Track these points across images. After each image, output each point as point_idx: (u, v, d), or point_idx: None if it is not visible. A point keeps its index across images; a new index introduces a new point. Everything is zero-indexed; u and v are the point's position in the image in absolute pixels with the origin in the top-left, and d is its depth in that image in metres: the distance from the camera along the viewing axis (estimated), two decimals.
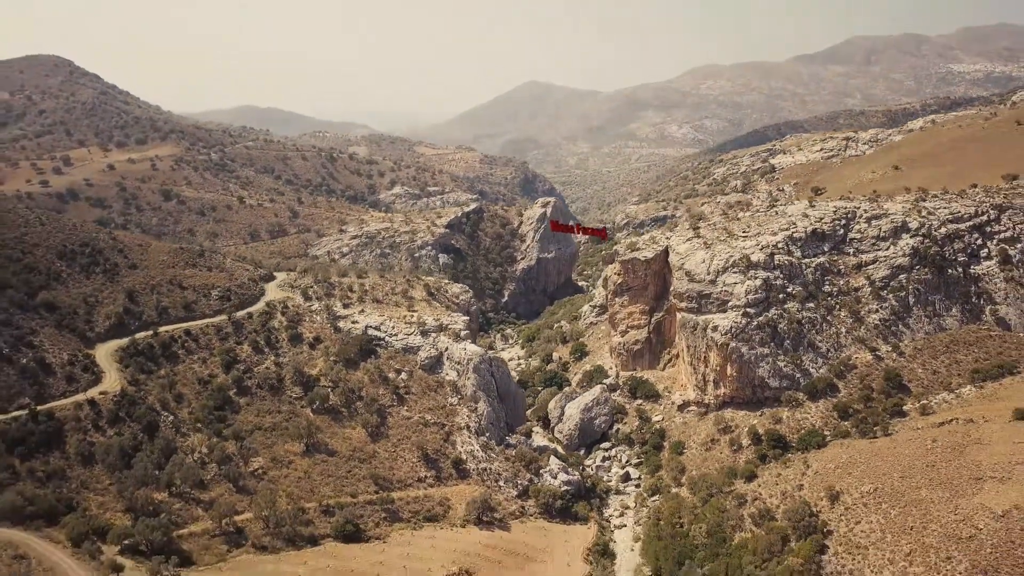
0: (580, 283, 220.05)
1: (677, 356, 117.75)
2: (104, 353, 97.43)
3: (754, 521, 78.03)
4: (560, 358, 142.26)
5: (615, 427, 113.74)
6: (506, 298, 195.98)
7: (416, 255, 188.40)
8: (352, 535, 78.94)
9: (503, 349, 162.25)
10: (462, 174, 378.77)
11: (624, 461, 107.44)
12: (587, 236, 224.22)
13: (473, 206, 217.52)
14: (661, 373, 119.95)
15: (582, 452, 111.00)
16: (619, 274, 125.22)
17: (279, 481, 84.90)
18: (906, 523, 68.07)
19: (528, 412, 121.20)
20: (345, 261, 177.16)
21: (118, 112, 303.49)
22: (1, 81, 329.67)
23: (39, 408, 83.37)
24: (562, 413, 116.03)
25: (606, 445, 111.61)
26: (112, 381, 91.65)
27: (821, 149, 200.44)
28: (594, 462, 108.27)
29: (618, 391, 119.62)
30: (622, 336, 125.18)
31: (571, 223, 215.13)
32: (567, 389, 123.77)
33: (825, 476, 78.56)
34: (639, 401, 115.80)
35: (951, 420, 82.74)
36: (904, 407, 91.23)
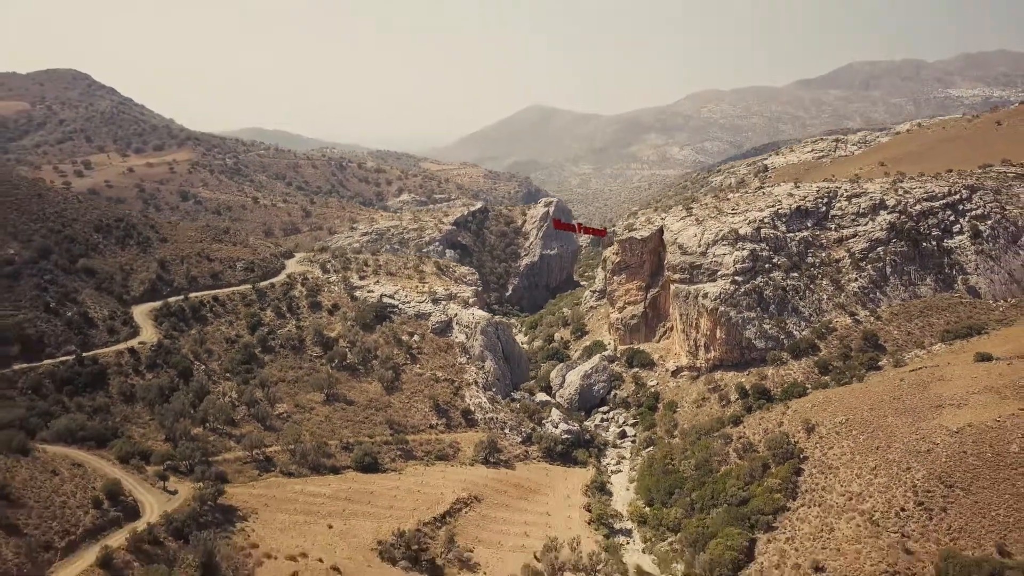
0: (581, 284, 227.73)
1: (671, 329, 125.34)
2: (140, 313, 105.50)
3: (738, 454, 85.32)
4: (561, 338, 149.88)
5: (612, 393, 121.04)
6: (510, 292, 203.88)
7: (424, 250, 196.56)
8: (370, 466, 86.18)
9: None
10: (467, 186, 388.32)
11: (621, 422, 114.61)
12: (588, 236, 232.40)
13: (479, 205, 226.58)
14: (656, 345, 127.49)
15: (582, 415, 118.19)
16: (617, 253, 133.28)
17: (302, 423, 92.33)
18: (873, 444, 75.44)
19: (531, 384, 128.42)
20: None
21: (135, 121, 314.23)
22: (22, 93, 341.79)
23: (84, 354, 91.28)
24: (563, 380, 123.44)
25: (604, 409, 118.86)
26: (149, 334, 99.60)
27: (812, 150, 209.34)
28: (593, 423, 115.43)
29: (616, 361, 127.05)
30: (620, 312, 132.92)
31: (573, 222, 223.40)
32: (568, 361, 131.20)
33: (803, 413, 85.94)
34: (635, 369, 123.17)
35: (920, 368, 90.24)
36: (879, 363, 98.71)
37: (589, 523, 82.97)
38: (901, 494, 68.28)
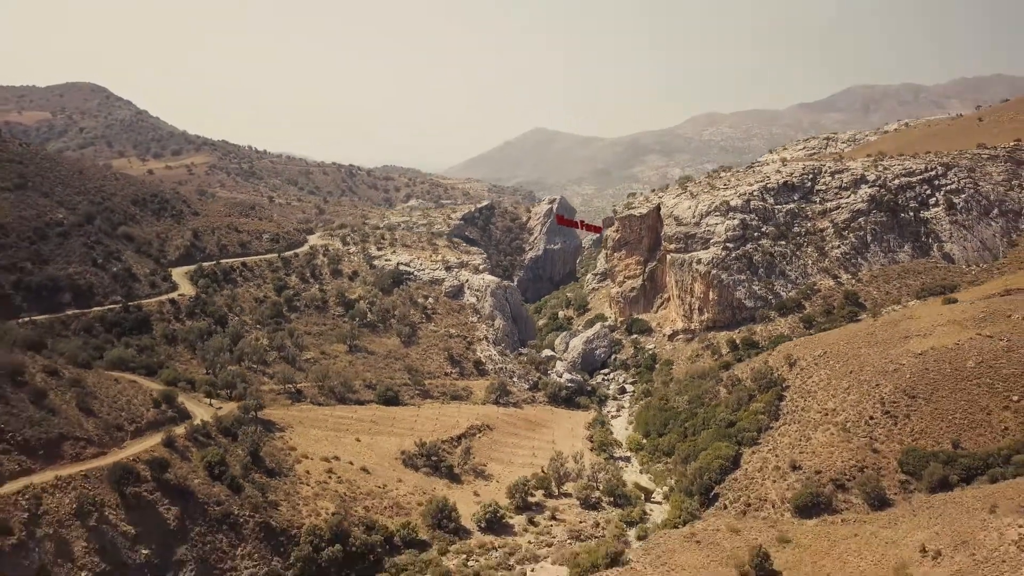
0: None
1: (668, 299, 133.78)
2: (176, 273, 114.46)
3: (728, 389, 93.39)
4: (565, 315, 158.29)
5: (613, 356, 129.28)
6: (515, 283, 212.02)
7: (433, 243, 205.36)
8: (392, 400, 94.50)
9: None
10: (473, 195, 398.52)
11: (621, 380, 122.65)
12: (591, 236, 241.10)
13: (486, 203, 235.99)
14: (654, 315, 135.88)
15: (585, 375, 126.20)
16: (617, 231, 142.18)
17: (328, 367, 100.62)
18: (847, 370, 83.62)
19: (537, 343, 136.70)
20: None
21: (153, 128, 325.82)
22: (43, 104, 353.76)
23: (129, 303, 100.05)
24: (567, 346, 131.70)
25: (605, 371, 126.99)
26: (186, 289, 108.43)
27: (804, 147, 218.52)
28: (595, 382, 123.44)
29: (616, 330, 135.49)
30: (620, 286, 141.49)
31: (576, 219, 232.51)
32: (571, 329, 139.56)
33: (786, 351, 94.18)
34: (634, 336, 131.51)
35: (892, 312, 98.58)
36: (859, 316, 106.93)
37: (591, 450, 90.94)
38: (870, 406, 76.36)
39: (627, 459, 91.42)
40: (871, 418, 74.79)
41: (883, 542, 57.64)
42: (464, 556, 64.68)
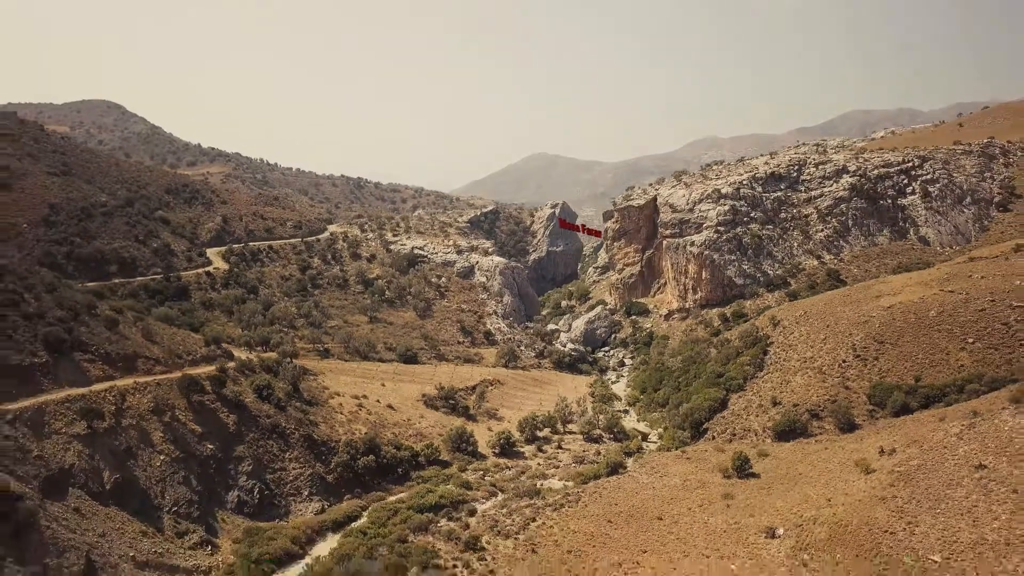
0: None
1: (664, 284, 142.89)
2: (209, 252, 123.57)
3: (717, 350, 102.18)
4: (568, 304, 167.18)
5: (613, 335, 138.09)
6: None
7: (444, 231, 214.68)
8: (411, 359, 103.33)
9: None
10: (478, 207, 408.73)
11: (620, 356, 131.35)
12: (591, 236, 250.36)
13: (491, 207, 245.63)
14: (651, 298, 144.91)
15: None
16: (616, 221, 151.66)
17: (352, 332, 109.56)
18: (824, 325, 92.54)
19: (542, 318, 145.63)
20: None
21: (168, 141, 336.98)
22: (61, 119, 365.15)
23: (169, 274, 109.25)
24: (570, 326, 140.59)
25: (606, 348, 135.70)
26: (219, 265, 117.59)
27: (795, 152, 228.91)
28: (596, 356, 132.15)
29: (616, 312, 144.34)
30: (619, 274, 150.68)
31: (578, 223, 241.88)
32: (574, 312, 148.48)
33: (770, 314, 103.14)
34: (633, 317, 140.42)
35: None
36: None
37: (592, 402, 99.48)
38: (843, 352, 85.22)
39: (625, 411, 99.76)
40: (844, 361, 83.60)
41: (848, 450, 66.42)
42: (481, 472, 73.19)
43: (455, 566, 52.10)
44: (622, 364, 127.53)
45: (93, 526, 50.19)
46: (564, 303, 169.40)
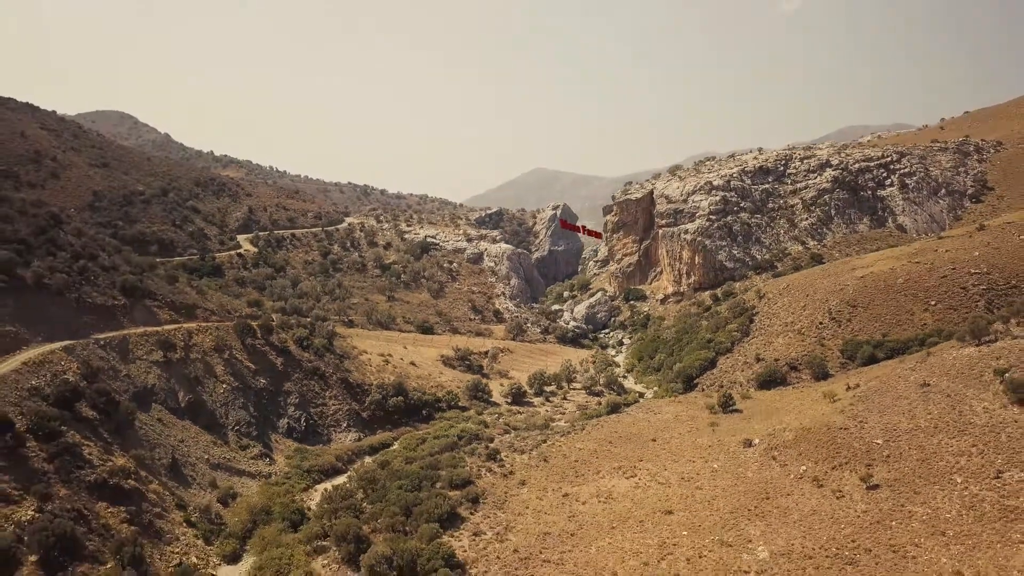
0: None
1: (660, 272, 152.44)
2: (238, 238, 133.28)
3: (708, 321, 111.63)
4: (570, 294, 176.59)
5: (613, 319, 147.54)
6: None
7: (455, 221, 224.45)
8: (428, 330, 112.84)
9: None
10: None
11: (620, 337, 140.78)
12: (591, 237, 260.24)
13: (495, 209, 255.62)
14: (648, 285, 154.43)
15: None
16: (616, 214, 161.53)
17: (373, 307, 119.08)
18: (804, 294, 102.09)
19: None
20: None
21: (182, 148, 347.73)
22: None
23: (205, 255, 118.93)
24: (572, 312, 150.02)
25: (606, 330, 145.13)
26: (248, 248, 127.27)
27: (782, 149, 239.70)
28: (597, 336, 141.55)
29: (616, 299, 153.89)
30: (618, 264, 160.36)
31: (578, 224, 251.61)
32: (576, 299, 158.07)
33: (756, 288, 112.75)
34: (631, 302, 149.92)
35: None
36: None
37: (595, 365, 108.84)
38: (820, 315, 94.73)
39: (624, 376, 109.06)
40: (820, 323, 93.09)
41: (820, 391, 75.74)
42: (496, 415, 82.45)
43: (479, 471, 61.28)
44: (621, 343, 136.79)
45: (173, 433, 59.56)
46: (566, 294, 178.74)
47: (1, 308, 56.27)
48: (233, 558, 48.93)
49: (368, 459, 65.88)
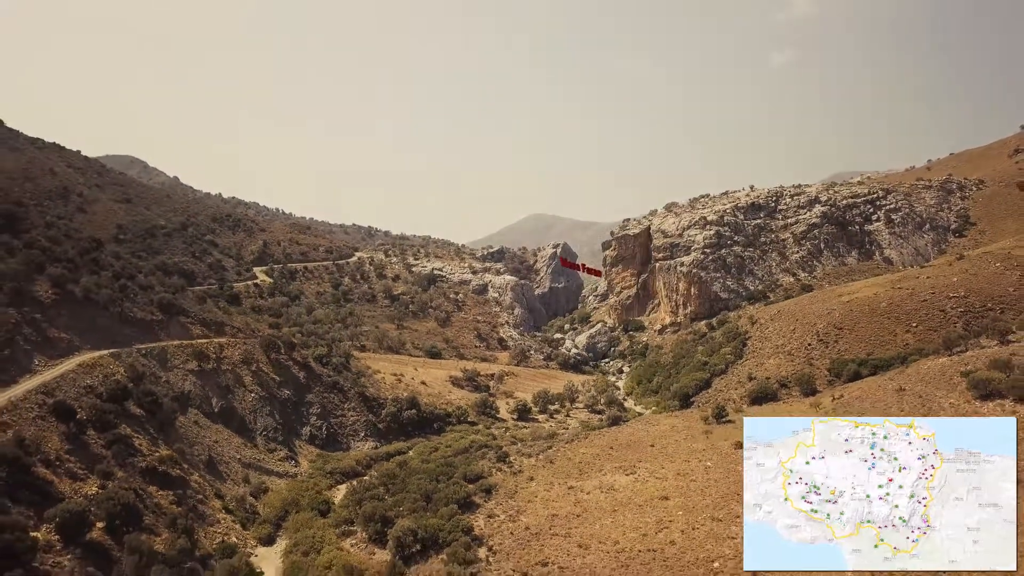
0: None
1: (658, 304, 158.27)
2: (255, 270, 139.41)
3: (704, 346, 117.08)
4: (570, 327, 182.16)
5: (612, 349, 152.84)
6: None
7: (460, 255, 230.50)
8: (436, 355, 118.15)
9: None
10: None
11: (619, 365, 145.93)
12: (590, 275, 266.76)
13: (497, 247, 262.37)
14: (647, 317, 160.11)
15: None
16: (614, 249, 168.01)
17: (383, 334, 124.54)
18: (794, 319, 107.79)
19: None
20: None
21: (191, 190, 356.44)
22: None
23: (223, 284, 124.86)
24: (573, 343, 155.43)
25: (606, 359, 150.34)
26: (264, 278, 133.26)
27: (773, 186, 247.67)
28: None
29: (615, 330, 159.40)
30: (617, 296, 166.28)
31: (577, 262, 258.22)
32: (576, 330, 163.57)
33: (748, 314, 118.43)
34: (630, 332, 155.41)
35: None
36: None
37: (596, 386, 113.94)
38: (809, 337, 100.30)
39: (624, 399, 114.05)
40: (809, 344, 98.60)
41: (807, 403, 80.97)
42: (504, 429, 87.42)
43: (491, 470, 66.21)
44: (621, 371, 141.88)
45: (209, 435, 64.69)
46: (567, 327, 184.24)
47: (57, 318, 61.87)
48: (268, 540, 53.73)
49: (386, 463, 70.80)
